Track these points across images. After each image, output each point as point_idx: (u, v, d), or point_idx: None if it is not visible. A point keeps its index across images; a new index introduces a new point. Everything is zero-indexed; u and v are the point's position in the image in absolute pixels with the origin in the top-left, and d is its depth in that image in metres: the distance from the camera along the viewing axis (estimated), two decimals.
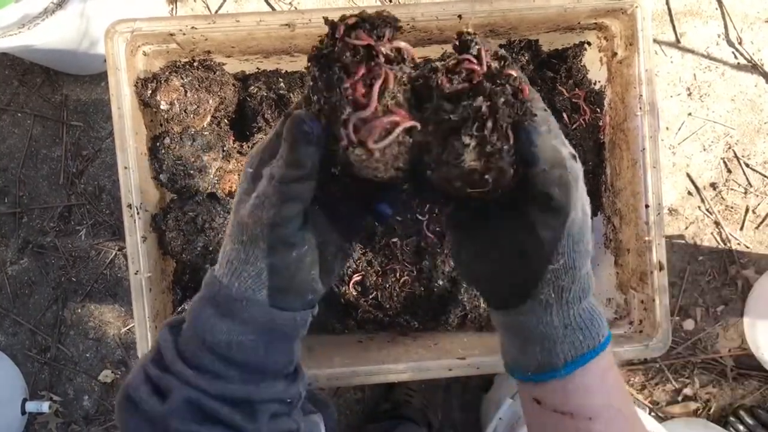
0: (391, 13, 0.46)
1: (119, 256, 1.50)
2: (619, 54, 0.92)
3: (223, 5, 1.49)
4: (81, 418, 1.51)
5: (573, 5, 0.83)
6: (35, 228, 1.50)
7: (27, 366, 1.50)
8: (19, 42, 1.08)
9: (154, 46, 0.88)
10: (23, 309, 1.50)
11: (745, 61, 1.53)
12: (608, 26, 0.93)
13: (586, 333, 0.46)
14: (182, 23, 0.82)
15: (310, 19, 0.82)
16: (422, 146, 0.44)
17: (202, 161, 0.89)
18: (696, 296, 1.54)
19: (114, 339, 1.51)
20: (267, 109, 0.97)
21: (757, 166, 1.54)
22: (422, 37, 0.92)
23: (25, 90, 1.49)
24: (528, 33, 0.97)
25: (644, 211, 0.87)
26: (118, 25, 0.82)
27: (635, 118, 0.88)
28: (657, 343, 0.87)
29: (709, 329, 1.54)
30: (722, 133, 1.53)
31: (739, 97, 1.53)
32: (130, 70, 0.85)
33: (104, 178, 1.50)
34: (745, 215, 1.54)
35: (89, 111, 1.50)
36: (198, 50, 0.92)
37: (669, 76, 1.53)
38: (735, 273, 1.53)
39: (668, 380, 1.54)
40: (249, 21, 0.82)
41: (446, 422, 1.48)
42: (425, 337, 0.97)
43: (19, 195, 1.50)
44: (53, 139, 1.50)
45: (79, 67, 1.45)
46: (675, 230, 1.54)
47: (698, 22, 1.52)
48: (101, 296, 1.51)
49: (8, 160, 1.50)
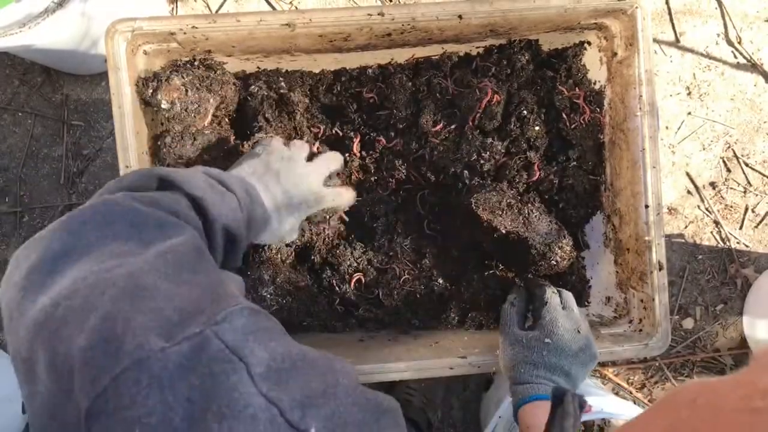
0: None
1: None
2: (619, 54, 0.92)
3: (223, 5, 1.49)
4: None
5: (573, 5, 0.84)
6: (36, 227, 1.50)
7: None
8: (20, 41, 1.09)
9: (154, 46, 0.88)
10: None
11: (745, 61, 1.53)
12: (608, 26, 0.93)
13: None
14: (183, 22, 0.82)
15: (310, 18, 0.83)
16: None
17: (203, 160, 0.89)
18: (695, 295, 1.55)
19: None
20: (268, 108, 0.97)
21: (757, 165, 1.54)
22: (422, 37, 0.92)
23: (25, 89, 1.49)
24: (528, 33, 0.98)
25: (644, 211, 0.87)
26: (119, 25, 0.82)
27: (635, 118, 0.88)
28: (656, 342, 0.87)
29: (709, 328, 1.54)
30: (722, 132, 1.53)
31: (739, 97, 1.53)
32: (131, 69, 0.85)
33: (105, 177, 1.50)
34: (745, 214, 1.54)
35: (90, 110, 1.50)
36: (199, 49, 0.92)
37: (668, 76, 1.53)
38: (734, 272, 1.54)
39: (668, 379, 1.54)
40: (249, 20, 0.82)
41: (446, 421, 1.49)
42: (426, 335, 0.97)
43: (20, 194, 1.50)
44: (54, 138, 1.50)
45: (80, 67, 1.45)
46: (674, 229, 1.54)
47: (698, 21, 1.53)
48: None
49: (9, 160, 1.50)
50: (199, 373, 0.35)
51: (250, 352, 0.37)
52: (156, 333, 0.37)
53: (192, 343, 0.37)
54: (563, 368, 0.77)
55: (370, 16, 0.83)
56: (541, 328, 0.80)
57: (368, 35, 0.89)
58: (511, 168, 0.96)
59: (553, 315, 0.81)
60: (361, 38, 0.91)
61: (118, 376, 0.35)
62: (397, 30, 0.88)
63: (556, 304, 0.83)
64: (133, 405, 0.34)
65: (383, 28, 0.86)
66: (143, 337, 0.36)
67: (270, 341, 0.39)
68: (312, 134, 1.01)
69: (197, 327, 0.38)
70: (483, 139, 0.95)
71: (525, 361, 0.78)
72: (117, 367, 0.35)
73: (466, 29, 0.90)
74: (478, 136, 0.96)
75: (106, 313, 0.38)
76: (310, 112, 1.02)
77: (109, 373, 0.35)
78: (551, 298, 0.84)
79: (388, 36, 0.90)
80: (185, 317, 0.39)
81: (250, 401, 0.35)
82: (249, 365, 0.36)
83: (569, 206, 0.99)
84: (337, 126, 1.01)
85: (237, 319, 0.40)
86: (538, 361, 0.77)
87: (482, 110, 0.93)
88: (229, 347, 0.37)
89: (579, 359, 0.78)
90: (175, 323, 0.38)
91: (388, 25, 0.85)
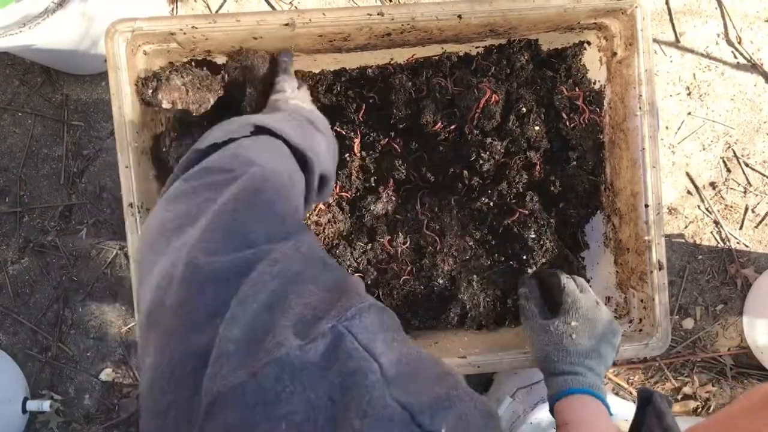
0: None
1: (120, 255, 1.51)
2: (618, 54, 0.92)
3: (223, 5, 1.49)
4: (82, 417, 1.51)
5: (573, 5, 0.84)
6: (36, 227, 1.50)
7: (28, 365, 1.51)
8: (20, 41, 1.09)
9: (154, 46, 0.89)
10: (24, 308, 1.51)
11: (745, 61, 1.53)
12: (608, 26, 0.93)
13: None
14: (183, 23, 0.82)
15: (310, 18, 0.83)
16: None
17: None
18: (695, 295, 1.55)
19: (115, 338, 1.51)
20: None
21: (757, 166, 1.54)
22: (422, 36, 0.92)
23: (25, 89, 1.49)
24: (528, 33, 0.98)
25: (644, 211, 0.87)
26: (119, 25, 0.82)
27: (635, 117, 0.88)
28: (656, 342, 0.87)
29: (709, 328, 1.54)
30: (722, 132, 1.53)
31: (739, 97, 1.53)
32: (131, 69, 0.85)
33: (105, 177, 1.50)
34: (745, 214, 1.54)
35: (90, 110, 1.50)
36: (198, 49, 0.92)
37: (668, 76, 1.53)
38: (734, 272, 1.54)
39: (668, 379, 1.54)
40: (249, 20, 0.82)
41: None
42: (426, 335, 0.97)
43: (20, 194, 1.50)
44: (54, 138, 1.50)
45: (80, 67, 1.45)
46: (674, 229, 1.54)
47: (698, 21, 1.53)
48: (102, 295, 1.51)
49: (9, 160, 1.50)
50: (337, 371, 0.36)
51: (381, 353, 0.37)
52: (292, 331, 0.37)
53: (327, 341, 0.37)
54: (594, 349, 0.78)
55: (369, 16, 0.83)
56: (564, 313, 0.81)
57: (368, 35, 0.89)
58: (511, 168, 0.96)
59: (574, 298, 0.83)
60: (361, 38, 0.91)
61: (258, 372, 0.35)
62: (397, 30, 0.88)
63: (573, 288, 0.85)
64: (278, 402, 0.34)
65: (383, 28, 0.86)
66: (282, 336, 0.37)
67: (393, 341, 0.40)
68: None
69: (329, 323, 0.38)
70: (482, 138, 0.95)
71: (556, 348, 0.79)
72: (257, 363, 0.35)
73: (465, 29, 0.90)
74: (478, 136, 0.96)
75: (256, 311, 0.39)
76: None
77: (248, 368, 0.35)
78: (567, 283, 0.85)
79: (388, 36, 0.90)
80: (318, 314, 0.39)
81: (388, 402, 0.35)
82: (382, 366, 0.37)
83: (569, 206, 0.99)
84: (337, 126, 1.01)
85: (366, 317, 0.40)
86: (569, 346, 0.78)
87: (481, 110, 0.93)
88: (362, 345, 0.37)
89: (605, 337, 0.80)
90: (308, 320, 0.38)
91: (387, 25, 0.85)
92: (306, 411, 0.34)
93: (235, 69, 0.89)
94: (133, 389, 1.51)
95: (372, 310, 0.41)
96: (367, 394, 0.35)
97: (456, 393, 0.39)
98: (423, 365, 0.40)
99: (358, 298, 0.42)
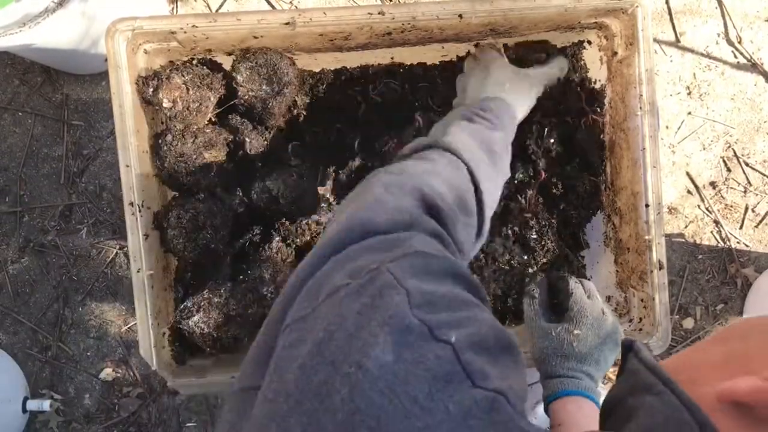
0: None
1: (120, 254, 1.51)
2: (619, 53, 0.92)
3: (224, 4, 1.49)
4: (82, 417, 1.51)
5: (573, 5, 0.84)
6: (36, 227, 1.50)
7: (28, 365, 1.51)
8: (20, 41, 1.09)
9: (155, 45, 0.88)
10: (24, 308, 1.51)
11: (745, 61, 1.53)
12: (608, 25, 0.93)
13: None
14: (183, 22, 0.82)
15: (310, 17, 0.83)
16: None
17: (203, 159, 0.89)
18: (695, 295, 1.55)
19: (115, 337, 1.51)
20: None
21: (757, 165, 1.54)
22: (423, 36, 0.92)
23: (25, 89, 1.49)
24: (528, 32, 0.98)
25: (644, 210, 0.87)
26: (119, 24, 0.82)
27: (635, 117, 0.88)
28: (657, 342, 0.87)
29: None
30: (722, 132, 1.53)
31: (739, 96, 1.53)
32: (131, 68, 0.85)
33: (105, 176, 1.50)
34: (745, 214, 1.54)
35: (90, 110, 1.50)
36: (199, 48, 0.92)
37: (669, 75, 1.53)
38: (734, 271, 1.54)
39: None
40: (250, 20, 0.82)
41: None
42: None
43: (20, 194, 1.50)
44: (54, 138, 1.50)
45: (80, 66, 1.45)
46: (675, 229, 1.54)
47: (698, 21, 1.53)
48: (102, 295, 1.51)
49: (9, 160, 1.50)
50: (369, 294, 0.42)
51: (412, 285, 0.43)
52: (345, 273, 0.45)
53: (370, 275, 0.44)
54: (594, 356, 0.78)
55: (370, 15, 0.83)
56: (569, 320, 0.81)
57: (369, 34, 0.89)
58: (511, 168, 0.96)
59: (581, 305, 0.82)
60: (362, 37, 0.91)
61: (318, 307, 0.44)
62: (398, 29, 0.88)
63: (581, 295, 0.84)
64: (315, 320, 0.43)
65: (383, 27, 0.86)
66: (337, 278, 0.45)
67: (430, 282, 0.45)
68: (312, 134, 1.01)
69: (376, 264, 0.45)
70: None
71: (556, 353, 0.79)
72: (316, 303, 0.44)
73: (466, 28, 0.90)
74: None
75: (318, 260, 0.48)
76: (311, 111, 1.02)
77: (312, 305, 0.44)
78: (576, 289, 0.85)
79: (389, 35, 0.90)
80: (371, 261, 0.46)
81: (409, 315, 0.40)
82: (409, 292, 0.42)
83: (570, 207, 0.99)
84: (337, 125, 1.01)
85: (408, 260, 0.45)
86: (569, 353, 0.78)
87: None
88: (396, 278, 0.43)
89: (607, 346, 0.80)
90: (361, 267, 0.45)
91: (388, 24, 0.85)
92: (338, 323, 0.41)
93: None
94: (133, 389, 1.51)
95: (418, 255, 0.46)
96: (391, 309, 0.40)
97: (476, 316, 0.43)
98: (453, 301, 0.44)
99: (409, 244, 0.48)
